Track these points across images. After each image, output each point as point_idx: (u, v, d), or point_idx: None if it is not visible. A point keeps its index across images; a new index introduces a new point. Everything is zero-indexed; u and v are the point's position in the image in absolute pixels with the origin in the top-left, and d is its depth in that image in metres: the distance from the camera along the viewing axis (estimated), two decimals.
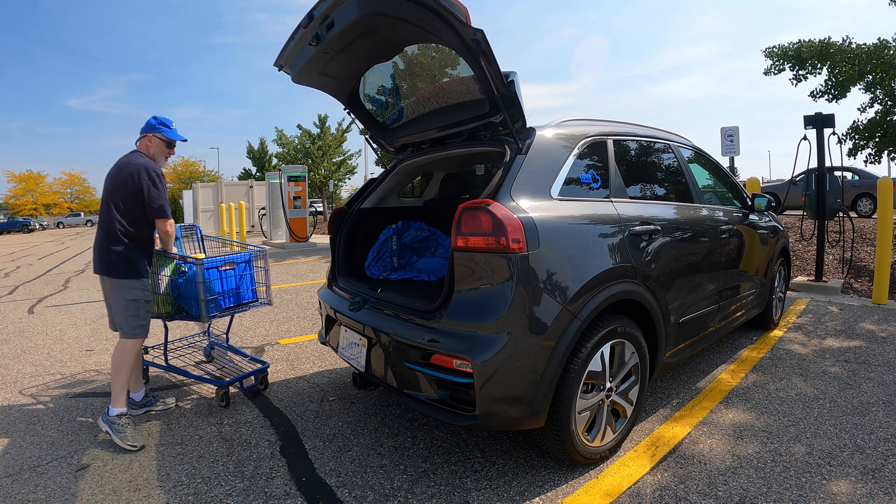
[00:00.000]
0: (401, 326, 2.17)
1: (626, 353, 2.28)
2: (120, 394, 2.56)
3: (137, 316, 2.62)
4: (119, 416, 2.51)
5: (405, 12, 2.06)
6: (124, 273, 2.58)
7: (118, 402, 2.55)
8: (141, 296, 2.62)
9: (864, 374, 3.18)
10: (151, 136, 2.73)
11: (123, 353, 2.60)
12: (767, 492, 1.98)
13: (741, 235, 3.39)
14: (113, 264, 2.57)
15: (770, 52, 8.83)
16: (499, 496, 1.99)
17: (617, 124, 2.79)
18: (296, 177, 12.74)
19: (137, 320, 2.62)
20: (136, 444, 2.43)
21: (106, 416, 2.53)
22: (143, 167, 2.58)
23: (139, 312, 2.62)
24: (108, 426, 2.49)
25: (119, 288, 2.59)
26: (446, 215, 3.32)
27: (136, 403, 2.84)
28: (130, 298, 2.59)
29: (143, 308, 2.64)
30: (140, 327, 2.64)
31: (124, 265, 2.58)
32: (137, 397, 2.86)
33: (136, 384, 2.86)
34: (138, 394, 2.86)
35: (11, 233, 35.63)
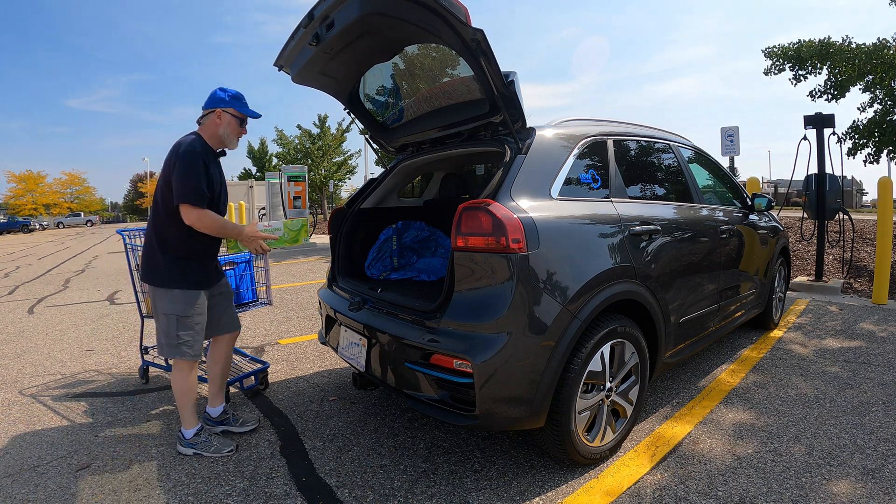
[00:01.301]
0: (401, 326, 2.17)
1: (626, 353, 2.28)
2: (190, 416, 2.35)
3: (168, 334, 2.25)
4: (197, 434, 2.34)
5: (405, 12, 2.06)
6: (158, 280, 2.25)
7: (190, 423, 2.35)
8: (176, 310, 2.23)
9: (864, 374, 3.18)
10: (221, 111, 2.29)
11: (175, 379, 2.32)
12: (767, 492, 1.98)
13: (741, 235, 3.39)
14: (149, 268, 2.27)
15: (770, 51, 8.82)
16: (499, 496, 1.99)
17: (617, 124, 2.79)
18: (296, 177, 12.74)
19: (169, 339, 2.25)
20: (231, 449, 2.35)
21: (184, 441, 2.34)
22: (180, 145, 2.19)
23: (170, 330, 2.24)
24: (192, 448, 2.32)
25: (155, 297, 2.27)
26: (446, 215, 3.32)
27: (212, 420, 2.54)
28: (162, 312, 2.25)
29: (175, 326, 2.23)
30: (173, 347, 2.25)
31: (160, 270, 2.24)
32: (214, 413, 2.55)
33: (216, 398, 2.57)
34: (216, 409, 2.56)
35: (11, 233, 35.62)
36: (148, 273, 2.28)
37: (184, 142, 2.22)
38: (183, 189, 2.12)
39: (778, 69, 8.83)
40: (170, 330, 2.25)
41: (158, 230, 2.25)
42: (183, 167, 2.13)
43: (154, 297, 2.27)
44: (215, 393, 2.57)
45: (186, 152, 2.16)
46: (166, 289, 2.24)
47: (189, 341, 2.27)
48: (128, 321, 5.12)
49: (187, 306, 2.26)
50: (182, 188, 2.13)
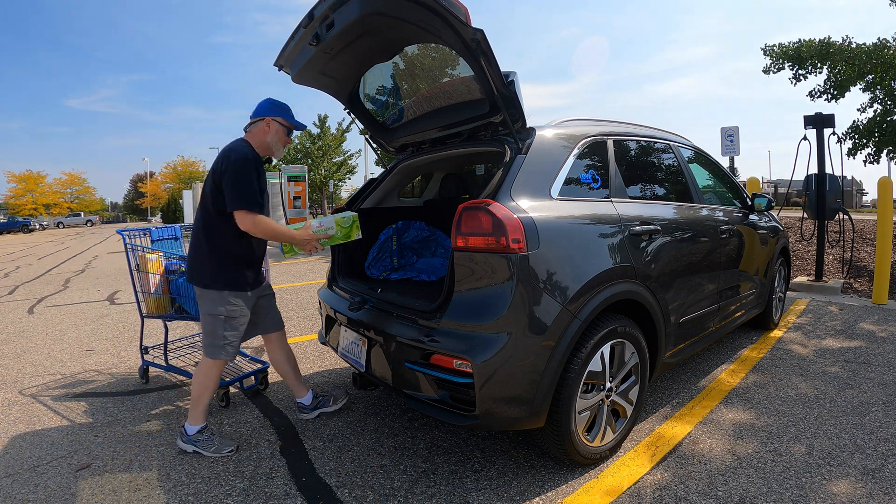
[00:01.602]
0: (401, 326, 2.17)
1: (626, 353, 2.28)
2: (200, 413, 2.37)
3: (213, 334, 2.30)
4: (200, 432, 2.35)
5: (405, 12, 2.06)
6: (204, 281, 2.29)
7: (197, 420, 2.36)
8: (221, 311, 2.28)
9: (864, 374, 3.18)
10: (270, 119, 2.36)
11: (202, 376, 2.35)
12: (767, 492, 1.98)
13: (741, 235, 3.39)
14: (194, 269, 2.32)
15: (769, 50, 8.82)
16: (499, 496, 1.99)
17: (617, 124, 2.79)
18: (296, 177, 12.76)
19: (213, 339, 2.31)
20: (231, 449, 2.35)
21: (185, 436, 2.34)
22: (232, 151, 2.23)
23: (216, 330, 2.30)
24: (193, 445, 2.33)
25: (199, 297, 2.33)
26: (446, 215, 3.32)
27: (307, 407, 2.67)
28: (207, 313, 2.30)
29: (220, 326, 2.29)
30: (216, 348, 2.31)
31: (205, 271, 2.28)
32: (306, 401, 2.67)
33: (300, 389, 2.67)
34: (306, 397, 2.68)
35: (11, 233, 35.63)
36: (196, 275, 2.31)
37: (235, 148, 2.25)
38: (238, 195, 2.17)
39: (777, 68, 8.82)
40: (216, 330, 2.30)
41: (209, 233, 2.28)
42: (238, 174, 2.18)
43: (202, 299, 2.31)
44: (298, 385, 2.67)
45: (240, 159, 2.21)
46: (216, 290, 2.29)
47: (233, 342, 2.35)
48: (128, 321, 5.12)
49: (236, 308, 2.32)
50: (237, 194, 2.17)
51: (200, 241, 2.30)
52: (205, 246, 2.29)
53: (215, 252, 2.29)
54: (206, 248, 2.29)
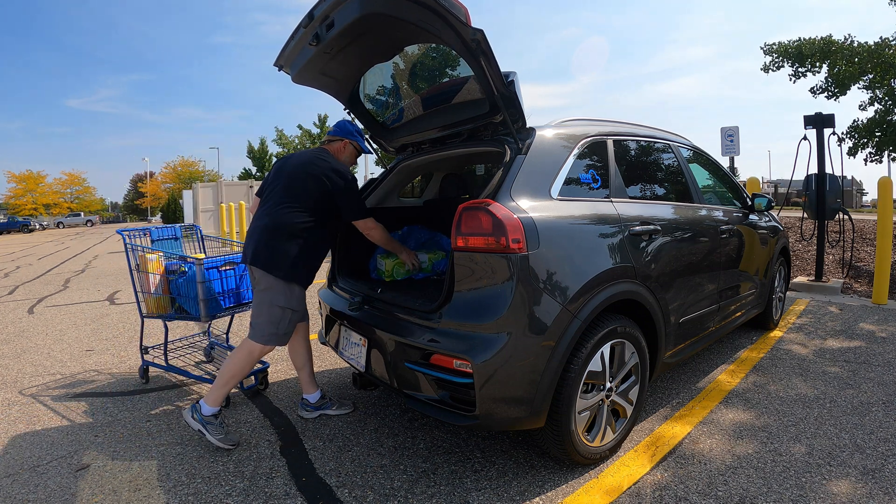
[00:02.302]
0: (401, 326, 2.17)
1: (626, 353, 2.28)
2: (221, 396, 2.40)
3: (277, 324, 2.41)
4: (215, 416, 2.37)
5: (405, 12, 2.06)
6: (280, 272, 2.37)
7: (216, 402, 2.38)
8: (287, 304, 2.41)
9: (864, 374, 3.19)
10: (348, 142, 2.65)
11: (241, 357, 2.40)
12: (767, 492, 1.98)
13: (741, 235, 3.39)
14: (271, 257, 2.37)
15: (769, 48, 8.82)
16: (499, 496, 1.99)
17: (617, 124, 2.79)
18: None
19: (276, 328, 2.41)
20: (233, 443, 2.37)
21: (198, 413, 2.35)
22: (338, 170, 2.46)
23: (281, 321, 2.42)
24: (201, 425, 2.34)
25: (269, 287, 2.39)
26: (446, 215, 3.31)
27: (311, 405, 2.71)
28: (276, 304, 2.39)
29: (286, 318, 2.42)
30: (273, 336, 2.41)
31: (285, 263, 2.37)
32: (312, 399, 2.72)
33: (310, 385, 2.73)
34: (313, 395, 2.72)
35: (11, 233, 35.63)
36: (274, 264, 2.37)
37: (343, 168, 2.52)
38: (363, 207, 2.52)
39: (777, 66, 8.83)
40: (282, 322, 2.42)
41: (304, 231, 2.40)
42: (357, 190, 2.51)
43: (272, 289, 2.38)
44: (309, 381, 2.73)
45: (353, 176, 2.51)
46: (287, 282, 2.40)
47: (289, 332, 2.49)
48: (128, 321, 5.13)
49: (300, 301, 2.49)
50: (362, 207, 2.52)
51: (288, 236, 2.38)
52: (293, 241, 2.39)
53: (302, 249, 2.40)
54: (294, 243, 2.39)
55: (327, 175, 2.43)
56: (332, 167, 2.47)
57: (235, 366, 2.40)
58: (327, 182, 2.42)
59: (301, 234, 2.40)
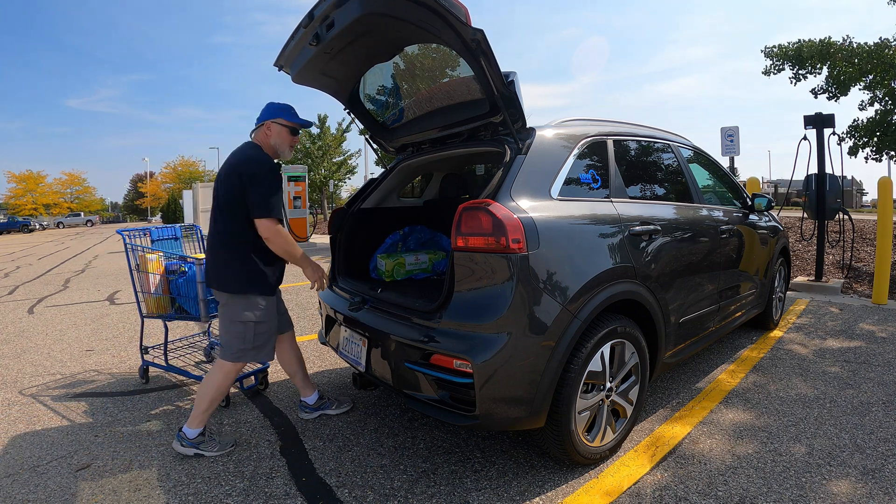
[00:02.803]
0: (401, 326, 2.17)
1: (626, 353, 2.28)
2: (205, 417, 2.33)
3: (244, 339, 2.29)
4: (201, 434, 2.33)
5: (405, 12, 2.06)
6: (232, 287, 2.27)
7: (199, 423, 2.32)
8: (251, 318, 2.28)
9: (864, 374, 3.18)
10: (270, 122, 2.36)
11: (215, 379, 2.32)
12: (767, 492, 1.98)
13: (741, 235, 3.39)
14: (220, 275, 2.29)
15: (769, 51, 8.83)
16: (499, 496, 1.99)
17: (617, 124, 2.79)
18: (296, 177, 12.75)
19: (243, 343, 2.29)
20: (231, 445, 2.37)
21: (186, 440, 2.30)
22: (250, 159, 2.24)
23: (246, 335, 2.29)
24: (195, 448, 2.30)
25: (226, 304, 2.30)
26: (446, 215, 3.32)
27: (310, 407, 2.69)
28: (237, 320, 2.28)
29: (251, 330, 2.29)
30: (243, 352, 2.30)
31: (236, 277, 2.26)
32: (311, 400, 2.70)
33: (307, 388, 2.69)
34: (311, 397, 2.70)
35: (11, 233, 35.62)
36: (222, 281, 2.28)
37: (255, 157, 2.26)
38: (266, 203, 2.19)
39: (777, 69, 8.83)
40: (247, 336, 2.29)
41: (236, 238, 2.25)
42: (266, 181, 2.20)
43: (229, 305, 2.28)
44: (305, 384, 2.69)
45: (266, 168, 2.23)
46: (245, 295, 2.28)
47: (260, 346, 2.34)
48: (128, 321, 5.13)
49: (266, 311, 2.33)
50: (266, 202, 2.19)
51: (225, 247, 2.27)
52: (231, 251, 2.27)
53: (243, 257, 2.27)
54: (233, 253, 2.26)
55: (239, 170, 2.21)
56: (245, 159, 2.25)
57: (213, 388, 2.31)
58: (240, 178, 2.20)
59: (239, 242, 2.26)
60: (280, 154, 2.41)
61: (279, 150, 2.39)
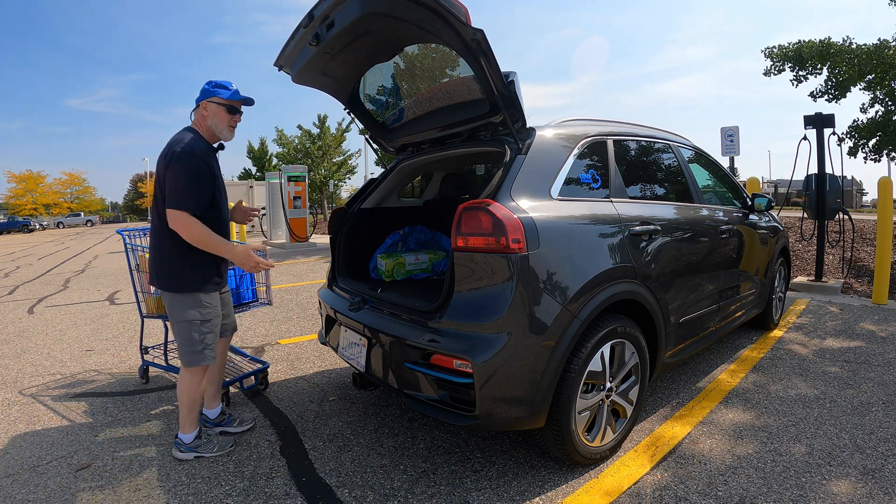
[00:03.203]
0: (401, 326, 2.17)
1: (626, 353, 2.28)
2: (193, 421, 2.30)
3: (191, 340, 2.18)
4: (198, 437, 2.30)
5: (405, 12, 2.06)
6: (171, 286, 2.18)
7: (191, 428, 2.29)
8: (194, 316, 2.18)
9: (864, 374, 3.18)
10: (206, 102, 2.22)
11: (186, 387, 2.23)
12: (767, 492, 1.98)
13: (741, 235, 3.39)
14: (160, 274, 2.20)
15: (770, 52, 8.83)
16: (499, 496, 1.99)
17: (617, 124, 2.79)
18: (296, 177, 12.75)
19: (192, 346, 2.19)
20: (231, 445, 2.36)
21: (184, 446, 2.28)
22: (171, 146, 2.11)
23: (192, 336, 2.18)
24: (193, 452, 2.27)
25: (169, 304, 2.21)
26: (446, 215, 3.32)
27: (210, 421, 2.54)
28: (181, 319, 2.17)
29: (197, 330, 2.18)
30: (195, 354, 2.19)
31: (171, 275, 2.17)
32: (212, 414, 2.55)
33: (213, 399, 2.56)
34: (213, 411, 2.56)
35: (11, 233, 35.61)
36: (163, 279, 2.19)
37: (180, 140, 2.12)
38: (178, 194, 2.04)
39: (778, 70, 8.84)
40: (193, 336, 2.19)
41: (174, 234, 2.13)
42: (179, 170, 2.05)
43: (172, 304, 2.19)
44: (213, 395, 2.56)
45: (185, 153, 2.07)
46: (186, 293, 2.18)
47: (211, 345, 2.25)
48: (128, 321, 5.12)
49: (209, 309, 2.24)
50: (177, 192, 2.04)
51: (165, 244, 2.16)
52: (171, 247, 2.16)
53: (183, 253, 2.15)
54: (173, 249, 2.15)
55: (166, 157, 2.08)
56: (172, 142, 2.12)
57: (185, 394, 2.25)
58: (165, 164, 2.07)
59: (174, 236, 2.13)
60: (221, 135, 2.26)
61: (218, 130, 2.24)
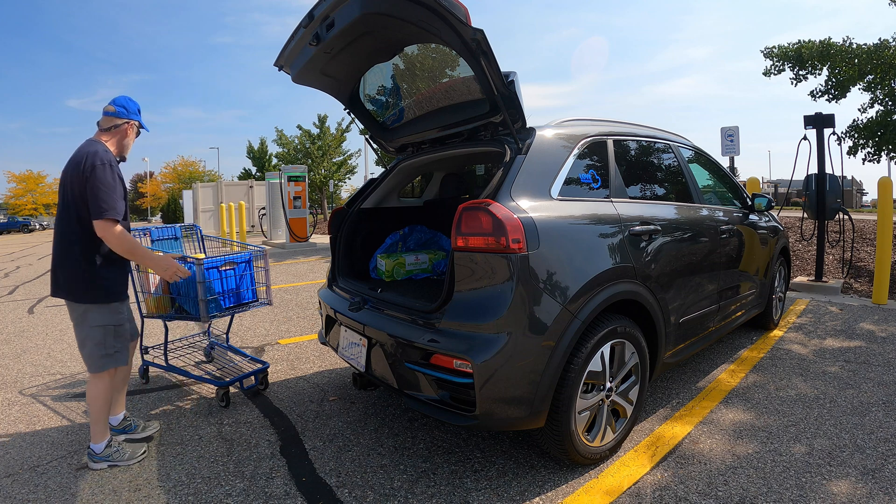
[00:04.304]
0: (401, 326, 2.17)
1: (626, 353, 2.28)
2: (104, 428, 2.25)
3: (104, 344, 2.20)
4: (108, 446, 2.25)
5: (405, 12, 2.06)
6: (84, 296, 2.16)
7: (101, 436, 2.24)
8: (108, 321, 2.20)
9: (864, 374, 3.19)
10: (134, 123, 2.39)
11: (97, 391, 2.21)
12: (767, 492, 1.98)
13: (741, 235, 3.40)
14: (70, 284, 2.17)
15: (769, 52, 8.82)
16: (499, 496, 1.99)
17: (617, 124, 2.79)
18: (296, 177, 12.75)
19: (104, 349, 2.20)
20: (144, 451, 2.34)
21: (95, 455, 2.23)
22: (93, 154, 2.14)
23: (106, 340, 2.20)
24: (105, 461, 2.24)
25: (79, 313, 2.19)
26: (446, 215, 3.32)
27: (113, 429, 2.47)
28: (94, 325, 2.18)
29: (110, 334, 2.21)
30: (107, 357, 2.21)
31: (84, 286, 2.15)
32: (115, 421, 2.49)
33: (116, 405, 2.49)
34: (116, 417, 2.50)
35: (11, 233, 35.61)
36: (74, 290, 2.16)
37: (96, 151, 2.16)
38: (104, 204, 2.08)
39: (778, 70, 8.83)
40: (106, 341, 2.21)
41: (85, 244, 2.15)
42: (104, 180, 2.10)
43: (87, 314, 2.18)
44: (116, 400, 2.48)
45: (107, 165, 2.14)
46: (101, 303, 2.20)
47: (122, 349, 2.29)
48: None
49: (121, 315, 2.29)
50: (103, 203, 2.08)
51: (74, 254, 2.14)
52: (80, 258, 2.14)
53: (95, 263, 2.16)
54: (84, 260, 2.15)
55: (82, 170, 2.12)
56: (88, 159, 2.13)
57: (94, 401, 2.22)
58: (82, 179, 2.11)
59: (91, 247, 2.15)
60: (124, 153, 2.38)
61: (126, 149, 2.38)
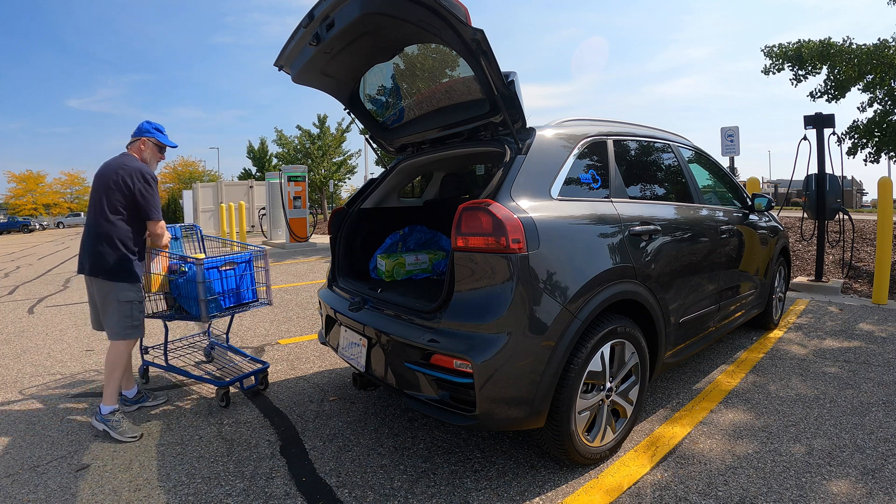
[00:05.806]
0: (401, 326, 2.17)
1: (626, 353, 2.28)
2: (113, 393, 2.61)
3: (131, 317, 2.66)
4: (113, 413, 2.57)
5: (405, 12, 2.06)
6: (118, 276, 2.61)
7: (111, 400, 2.60)
8: (135, 297, 2.67)
9: (864, 374, 3.19)
10: (146, 139, 2.78)
11: (118, 355, 2.64)
12: (767, 492, 1.98)
13: (741, 235, 3.40)
14: (107, 266, 2.59)
15: (769, 51, 8.82)
16: (499, 496, 1.99)
17: (617, 124, 2.79)
18: (296, 177, 12.74)
19: (131, 321, 2.66)
20: (135, 435, 2.53)
21: (99, 415, 2.58)
22: (139, 170, 2.64)
23: (133, 313, 2.66)
24: (104, 424, 2.55)
25: (111, 290, 2.61)
26: (446, 215, 3.32)
27: (129, 400, 2.91)
28: (124, 300, 2.63)
29: (136, 309, 2.68)
30: (133, 328, 2.67)
31: (119, 267, 2.60)
32: (130, 394, 2.92)
33: (129, 381, 2.91)
34: (131, 391, 2.93)
35: (11, 233, 35.59)
36: (114, 271, 2.60)
37: (136, 166, 2.66)
38: (156, 208, 2.69)
39: (777, 68, 8.82)
40: (134, 314, 2.67)
41: (122, 234, 2.62)
42: (153, 188, 2.68)
43: (114, 291, 2.60)
44: (127, 377, 2.89)
45: (150, 174, 2.69)
46: (132, 282, 2.66)
47: (142, 322, 2.73)
48: None
49: (142, 293, 2.76)
50: (155, 207, 2.69)
51: (112, 241, 2.59)
52: (118, 245, 2.61)
53: (128, 250, 2.64)
54: (120, 246, 2.61)
55: (126, 176, 2.60)
56: (131, 169, 2.63)
57: (116, 365, 2.62)
58: (125, 184, 2.60)
59: (127, 237, 2.63)
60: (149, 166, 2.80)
61: (150, 163, 2.82)
